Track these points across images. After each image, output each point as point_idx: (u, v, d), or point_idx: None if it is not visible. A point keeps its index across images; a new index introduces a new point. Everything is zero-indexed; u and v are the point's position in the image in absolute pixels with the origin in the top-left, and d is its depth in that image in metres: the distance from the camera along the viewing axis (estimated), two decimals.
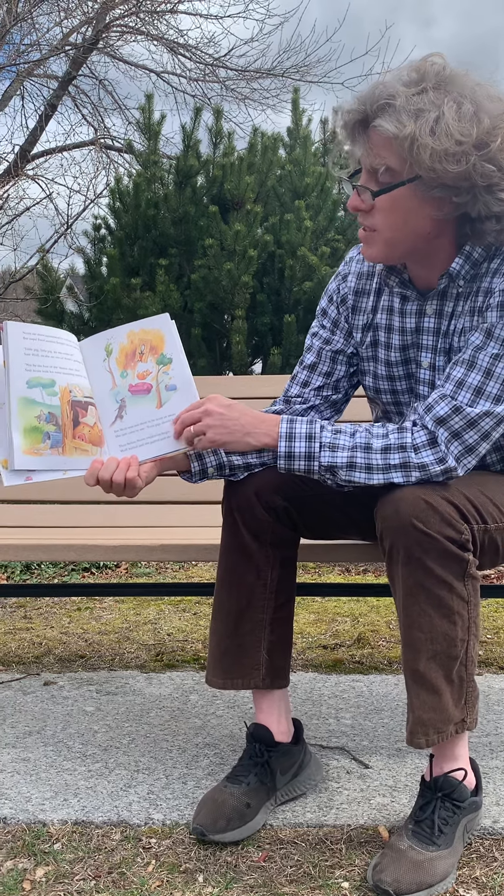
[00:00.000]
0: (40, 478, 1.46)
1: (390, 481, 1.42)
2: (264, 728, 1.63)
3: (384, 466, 1.42)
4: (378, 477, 1.43)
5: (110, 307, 5.67)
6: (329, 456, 1.44)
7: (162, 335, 1.55)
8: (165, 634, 2.99)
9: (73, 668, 2.59)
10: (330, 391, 1.67)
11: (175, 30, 10.04)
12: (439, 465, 1.41)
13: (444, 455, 1.41)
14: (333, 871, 1.42)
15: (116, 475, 1.48)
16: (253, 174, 5.71)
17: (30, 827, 1.58)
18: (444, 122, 1.32)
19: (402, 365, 1.60)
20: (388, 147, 1.38)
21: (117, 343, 1.57)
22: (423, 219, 1.43)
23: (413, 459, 1.41)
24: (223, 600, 1.63)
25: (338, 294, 1.67)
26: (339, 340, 1.66)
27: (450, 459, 1.41)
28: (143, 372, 1.55)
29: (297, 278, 5.42)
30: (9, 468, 1.45)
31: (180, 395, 1.52)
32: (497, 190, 1.37)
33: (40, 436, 1.47)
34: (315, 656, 2.67)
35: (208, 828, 1.49)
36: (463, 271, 1.47)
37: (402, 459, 1.42)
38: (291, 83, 9.89)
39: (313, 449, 1.45)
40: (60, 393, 1.51)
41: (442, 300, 1.52)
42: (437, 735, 1.41)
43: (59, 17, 9.33)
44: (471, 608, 1.42)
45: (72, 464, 1.49)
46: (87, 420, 1.53)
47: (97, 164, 10.19)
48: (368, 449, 1.43)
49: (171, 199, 5.66)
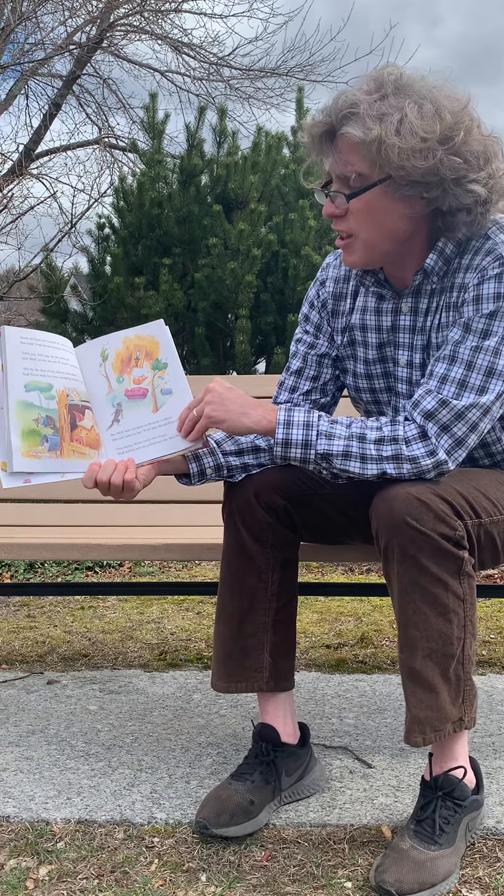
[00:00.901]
0: (39, 480, 1.48)
1: (383, 472, 1.43)
2: (271, 728, 1.63)
3: (377, 457, 1.43)
4: (372, 467, 1.44)
5: (114, 306, 5.68)
6: (325, 444, 1.45)
7: (157, 341, 1.58)
8: (168, 633, 3.00)
9: (77, 667, 2.60)
10: (318, 395, 1.69)
11: (179, 29, 10.06)
12: (430, 458, 1.42)
13: (435, 448, 1.42)
14: (336, 870, 1.42)
15: (114, 477, 1.50)
16: (257, 173, 5.71)
17: (33, 825, 1.59)
18: (408, 121, 1.36)
19: (380, 363, 1.62)
20: (356, 152, 1.41)
21: (113, 349, 1.60)
22: (397, 218, 1.46)
23: (404, 451, 1.42)
24: (226, 603, 1.63)
25: (318, 299, 1.70)
26: (323, 344, 1.69)
27: (440, 452, 1.42)
28: (138, 377, 1.57)
29: (300, 277, 5.41)
30: (8, 471, 1.47)
31: (176, 398, 1.55)
32: (465, 182, 1.40)
33: (38, 439, 1.48)
34: (318, 656, 2.67)
35: (211, 822, 1.49)
36: (437, 267, 1.50)
37: (394, 451, 1.42)
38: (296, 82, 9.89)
39: (310, 437, 1.45)
40: (58, 397, 1.52)
41: (417, 297, 1.55)
42: (435, 733, 1.41)
43: (64, 17, 9.33)
44: (467, 606, 1.42)
45: (70, 466, 1.51)
46: (85, 423, 1.55)
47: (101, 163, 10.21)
48: (363, 439, 1.44)
49: (174, 199, 5.66)
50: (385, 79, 1.40)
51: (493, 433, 1.59)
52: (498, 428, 1.59)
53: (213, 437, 1.63)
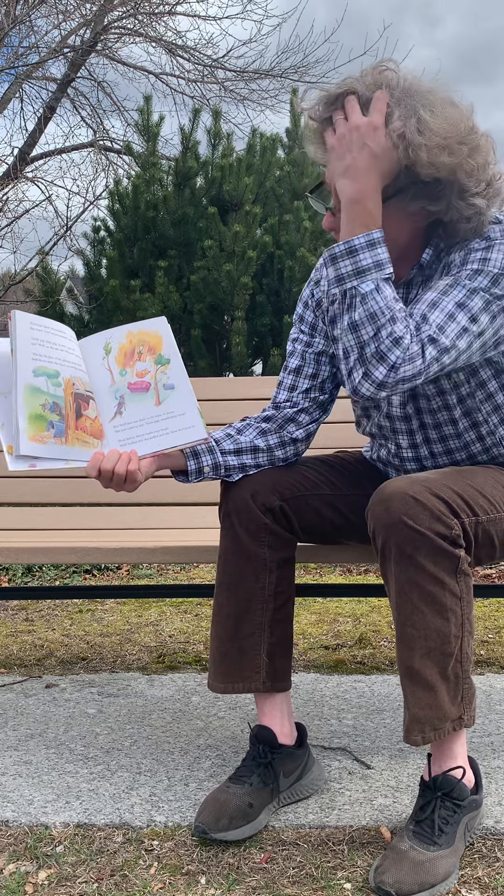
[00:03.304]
0: (43, 465, 1.48)
1: (376, 329, 1.38)
2: (268, 730, 1.63)
3: (381, 314, 1.38)
4: (371, 350, 1.38)
5: (110, 309, 5.68)
6: (370, 293, 1.39)
7: (160, 336, 1.59)
8: (167, 636, 3.00)
9: (75, 671, 2.59)
10: (317, 392, 1.70)
11: (173, 31, 10.07)
12: (415, 349, 1.38)
13: (421, 343, 1.38)
14: (336, 872, 1.42)
15: (118, 467, 1.51)
16: (252, 175, 5.71)
17: (32, 830, 1.58)
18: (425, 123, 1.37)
19: None
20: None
21: (116, 342, 1.60)
22: (398, 231, 1.48)
23: (398, 331, 1.38)
24: (222, 604, 1.63)
25: (312, 298, 1.71)
26: (319, 342, 1.69)
27: (418, 345, 1.38)
28: (141, 371, 1.58)
29: (296, 279, 5.42)
30: (14, 454, 1.46)
31: (178, 394, 1.55)
32: (468, 196, 1.42)
33: (45, 424, 1.48)
34: (316, 657, 2.67)
35: (210, 826, 1.49)
36: (432, 261, 1.54)
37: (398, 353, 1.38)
38: (290, 84, 9.92)
39: (368, 273, 1.39)
40: (64, 384, 1.53)
41: (408, 288, 1.57)
42: (434, 732, 1.41)
43: (58, 20, 9.34)
44: (464, 605, 1.43)
45: (74, 454, 1.51)
46: (89, 413, 1.55)
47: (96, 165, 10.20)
48: (394, 321, 1.38)
49: (170, 201, 5.67)
50: (388, 82, 1.40)
51: (489, 425, 1.59)
52: (495, 420, 1.60)
53: (212, 435, 1.63)
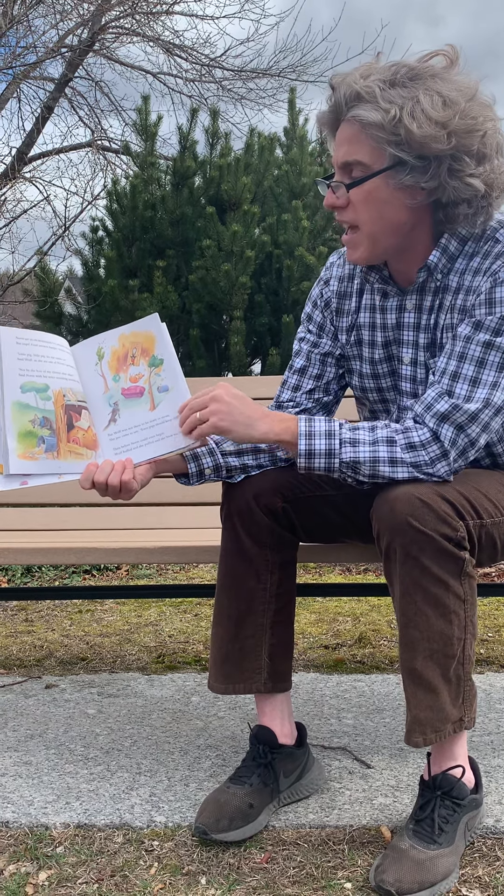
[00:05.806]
0: (36, 482, 1.47)
1: (411, 476, 1.43)
2: (268, 730, 1.63)
3: (405, 461, 1.43)
4: (402, 471, 1.43)
5: (108, 309, 5.67)
6: (351, 452, 1.44)
7: (153, 336, 1.56)
8: (166, 636, 3.00)
9: (75, 671, 2.59)
10: (321, 393, 1.69)
11: (171, 31, 10.08)
12: (443, 461, 1.42)
13: (447, 451, 1.42)
14: (336, 871, 1.42)
15: (112, 478, 1.48)
16: (250, 174, 5.71)
17: (32, 830, 1.58)
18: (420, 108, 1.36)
19: (386, 362, 1.62)
20: (358, 140, 1.42)
21: (108, 347, 1.58)
22: (397, 208, 1.45)
23: (423, 457, 1.42)
24: (224, 605, 1.63)
25: (321, 298, 1.69)
26: (326, 343, 1.68)
27: (452, 454, 1.42)
28: (135, 375, 1.55)
29: (294, 278, 5.41)
30: (4, 473, 1.45)
31: (173, 395, 1.52)
32: (462, 175, 1.40)
33: (35, 440, 1.47)
34: (316, 656, 2.67)
35: (211, 827, 1.49)
36: (440, 264, 1.50)
37: (412, 459, 1.42)
38: (288, 83, 9.90)
39: (333, 446, 1.44)
40: (54, 397, 1.51)
41: (421, 294, 1.54)
42: (435, 734, 1.41)
43: (55, 20, 9.34)
44: (468, 607, 1.42)
45: (67, 468, 1.49)
46: (82, 424, 1.53)
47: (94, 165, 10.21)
48: (392, 443, 1.43)
49: (168, 201, 5.66)
50: (389, 68, 1.40)
51: (497, 432, 1.59)
52: (501, 427, 1.59)
53: (212, 436, 1.62)
